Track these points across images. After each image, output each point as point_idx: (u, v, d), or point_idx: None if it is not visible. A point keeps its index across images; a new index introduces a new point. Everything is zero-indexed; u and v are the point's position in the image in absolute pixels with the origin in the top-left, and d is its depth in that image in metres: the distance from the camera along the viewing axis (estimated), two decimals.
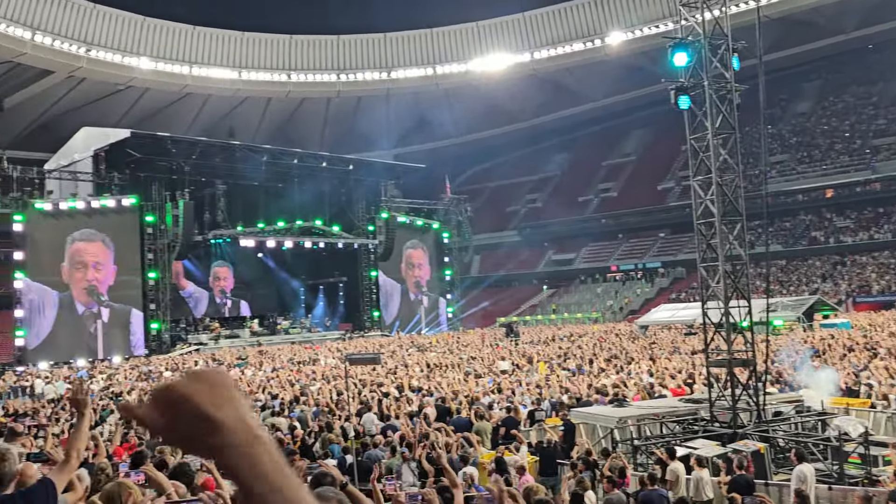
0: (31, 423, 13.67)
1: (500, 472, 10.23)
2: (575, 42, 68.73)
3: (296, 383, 22.16)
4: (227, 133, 70.44)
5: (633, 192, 72.63)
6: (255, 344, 45.37)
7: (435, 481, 9.06)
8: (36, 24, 57.39)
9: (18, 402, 23.45)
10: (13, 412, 19.48)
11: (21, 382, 29.50)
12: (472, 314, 65.13)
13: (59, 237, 41.05)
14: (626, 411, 13.60)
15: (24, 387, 28.15)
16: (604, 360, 23.90)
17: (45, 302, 40.52)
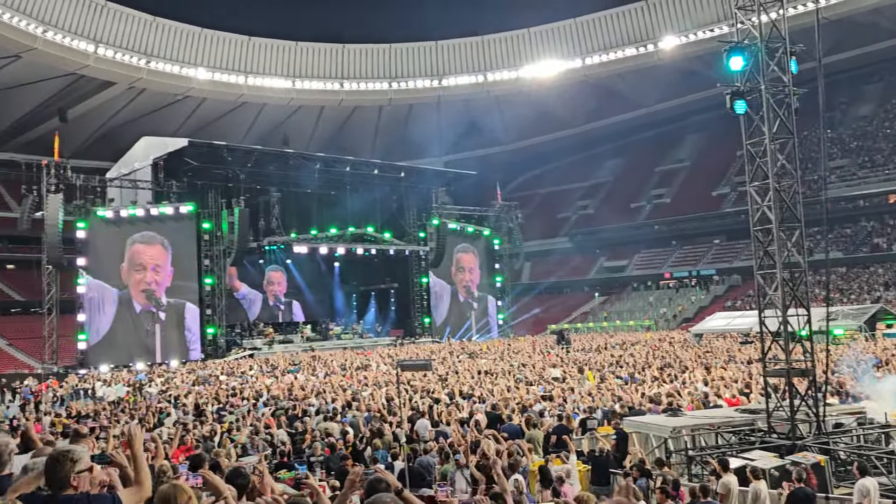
0: (92, 424, 14.03)
1: (543, 482, 10.17)
2: (627, 47, 68.09)
3: (348, 388, 22.35)
4: (281, 141, 71.48)
5: (687, 197, 71.53)
6: (307, 349, 45.91)
7: (487, 489, 9.05)
8: (99, 37, 59.15)
9: (80, 404, 24.14)
10: (76, 414, 20.06)
11: (83, 385, 30.33)
12: (523, 321, 64.87)
13: (120, 243, 42.17)
14: (680, 421, 13.38)
15: (86, 389, 28.94)
16: (657, 368, 23.57)
17: (104, 298, 41.58)
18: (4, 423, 18.75)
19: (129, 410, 19.85)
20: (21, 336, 52.96)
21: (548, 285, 71.60)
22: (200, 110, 69.74)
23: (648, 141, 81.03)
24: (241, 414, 17.37)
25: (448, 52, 73.72)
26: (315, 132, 77.21)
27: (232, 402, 20.27)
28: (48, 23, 55.85)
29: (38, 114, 64.35)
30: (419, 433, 14.25)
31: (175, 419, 17.00)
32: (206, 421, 16.28)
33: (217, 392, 23.32)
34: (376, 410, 16.73)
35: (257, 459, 9.18)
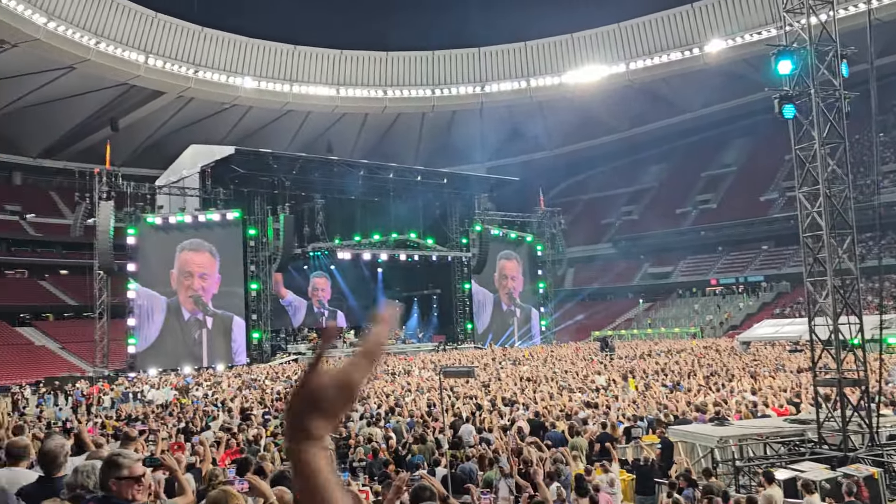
0: (141, 427, 14.31)
1: (579, 490, 10.08)
2: (672, 51, 67.33)
3: (391, 394, 22.44)
4: (325, 148, 72.28)
5: (734, 203, 70.40)
6: (350, 355, 46.10)
7: (530, 497, 9.01)
8: (149, 47, 60.50)
9: (130, 407, 24.65)
10: (126, 416, 20.48)
11: (132, 388, 30.95)
12: (566, 327, 64.45)
13: (169, 249, 43.01)
14: (727, 430, 13.16)
15: (135, 392, 29.53)
16: (703, 376, 23.22)
17: (153, 307, 42.46)
18: (57, 424, 19.22)
19: (177, 414, 20.19)
20: (73, 339, 54.29)
21: (591, 291, 71.06)
22: (247, 118, 70.82)
23: (694, 146, 79.99)
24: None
25: (491, 59, 73.77)
26: (359, 139, 77.83)
27: (277, 406, 20.49)
28: (101, 34, 57.29)
29: (90, 123, 66.01)
30: (463, 439, 14.24)
31: (221, 423, 17.23)
32: (252, 425, 16.48)
33: (262, 396, 23.61)
34: (419, 416, 16.77)
35: None
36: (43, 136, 66.87)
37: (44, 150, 68.53)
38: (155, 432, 12.22)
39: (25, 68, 56.63)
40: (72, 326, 56.82)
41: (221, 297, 44.48)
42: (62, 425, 16.59)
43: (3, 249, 62.21)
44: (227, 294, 44.62)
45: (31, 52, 54.34)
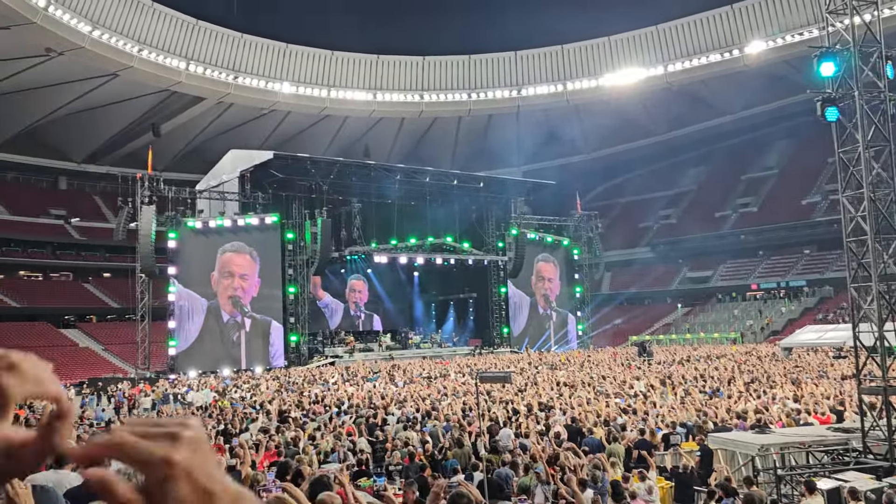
0: None
1: (616, 497, 10.00)
2: (712, 53, 66.46)
3: (427, 398, 22.47)
4: (362, 153, 72.70)
5: (775, 206, 69.32)
6: (387, 358, 46.41)
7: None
8: (190, 54, 61.46)
9: (170, 409, 25.01)
10: (167, 416, 20.76)
11: (173, 390, 31.40)
12: (603, 332, 64.03)
13: (208, 253, 43.66)
14: (768, 438, 12.94)
15: (176, 394, 29.95)
16: (743, 382, 22.88)
17: (193, 308, 43.13)
18: (100, 425, 19.58)
19: (216, 416, 20.44)
20: (116, 341, 55.33)
21: (629, 296, 70.50)
22: (285, 123, 71.56)
23: (734, 148, 78.96)
24: (324, 421, 17.68)
25: (527, 62, 73.59)
26: (395, 143, 78.19)
27: (314, 409, 20.64)
28: (143, 42, 58.35)
29: (133, 129, 67.27)
30: (502, 443, 14.22)
31: (260, 425, 17.40)
32: (290, 427, 16.62)
33: (300, 399, 23.80)
34: (455, 420, 16.77)
35: (339, 467, 9.32)
36: (87, 142, 68.32)
37: (88, 156, 70.00)
38: None
39: (71, 76, 57.92)
40: (114, 328, 57.94)
41: (260, 301, 45.02)
42: (105, 426, 16.87)
43: (48, 253, 63.62)
44: (265, 297, 45.15)
45: (77, 60, 55.55)
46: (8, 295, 57.19)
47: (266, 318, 45.19)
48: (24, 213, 63.72)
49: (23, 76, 56.19)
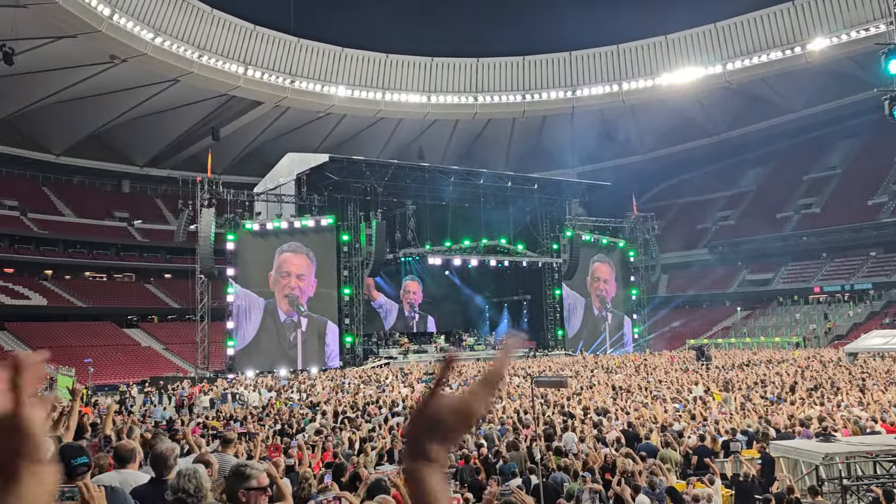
0: (240, 430, 14.77)
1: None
2: (772, 50, 64.84)
3: None
4: (416, 155, 73.07)
5: (839, 207, 67.38)
6: (441, 359, 46.42)
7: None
8: (248, 59, 62.57)
9: (229, 408, 25.48)
10: (226, 416, 21.18)
11: (231, 389, 31.98)
12: (660, 335, 63.11)
13: (266, 254, 44.43)
14: (833, 447, 12.56)
15: (234, 393, 30.49)
16: (806, 389, 22.29)
17: (251, 309, 43.92)
18: (162, 423, 20.04)
19: (274, 416, 20.74)
20: (176, 341, 56.64)
21: (686, 299, 69.36)
22: (341, 126, 72.31)
23: (796, 148, 77.01)
24: (379, 422, 17.80)
25: (582, 63, 72.94)
26: (449, 145, 78.36)
27: (369, 410, 20.80)
28: (203, 48, 59.61)
29: (193, 133, 68.80)
30: (566, 446, 14.12)
31: (316, 426, 17.60)
32: (345, 428, 16.77)
33: (355, 399, 24.01)
34: (510, 423, 16.71)
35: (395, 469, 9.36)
36: (149, 146, 70.11)
37: (150, 160, 71.82)
38: (254, 435, 12.59)
39: (134, 82, 59.51)
40: (175, 328, 59.30)
41: (316, 300, 45.57)
42: (166, 425, 17.28)
43: (112, 254, 65.48)
44: (321, 297, 45.69)
45: (139, 67, 57.05)
46: (74, 295, 59.02)
47: (322, 318, 45.75)
48: (89, 216, 65.71)
49: (88, 83, 57.95)
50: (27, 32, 49.01)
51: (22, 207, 61.55)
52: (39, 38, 51.21)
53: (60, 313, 57.04)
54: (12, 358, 1.02)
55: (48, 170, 67.80)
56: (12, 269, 58.79)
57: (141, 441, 7.12)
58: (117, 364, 50.99)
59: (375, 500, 4.80)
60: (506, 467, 12.56)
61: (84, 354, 46.42)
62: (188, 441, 7.88)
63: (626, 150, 79.42)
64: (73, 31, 51.08)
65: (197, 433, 14.66)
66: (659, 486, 10.80)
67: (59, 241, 62.15)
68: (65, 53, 53.49)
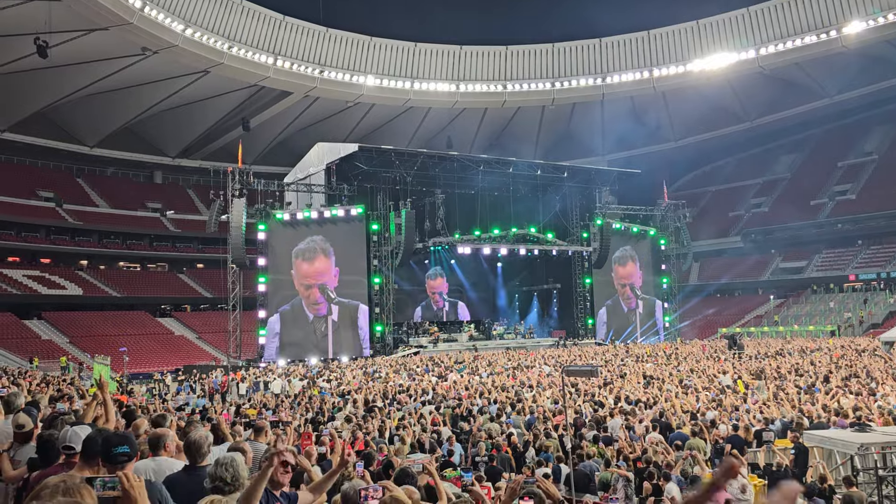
0: (272, 418, 14.90)
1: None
2: (807, 35, 63.60)
3: (511, 389, 22.45)
4: (445, 144, 72.97)
5: (876, 193, 66.20)
6: (471, 348, 46.57)
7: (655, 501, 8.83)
8: (277, 50, 62.83)
9: (260, 396, 25.76)
10: (259, 403, 21.41)
11: (263, 378, 32.31)
12: (692, 324, 62.61)
13: (296, 244, 44.73)
14: (868, 437, 12.39)
15: (266, 382, 30.81)
16: (841, 378, 22.00)
17: (282, 298, 44.29)
18: (197, 411, 20.32)
19: (305, 404, 20.93)
20: (209, 330, 57.38)
21: (718, 287, 68.66)
22: (370, 116, 72.44)
23: (830, 134, 75.76)
24: (409, 411, 17.90)
25: (612, 49, 72.22)
26: (478, 133, 78.16)
27: (399, 398, 20.90)
28: (233, 39, 59.96)
29: (224, 124, 69.35)
30: (613, 433, 14.12)
31: (346, 414, 17.72)
32: (376, 417, 16.88)
33: (385, 388, 24.14)
34: (540, 413, 16.71)
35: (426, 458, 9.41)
36: (181, 137, 70.85)
37: (182, 151, 72.58)
38: (287, 424, 12.71)
39: (165, 73, 60.10)
40: (207, 317, 60.06)
41: (344, 288, 45.75)
42: (201, 413, 17.52)
43: (146, 244, 66.40)
44: (351, 284, 45.84)
45: (170, 59, 57.57)
46: (108, 285, 60.00)
47: (353, 301, 45.90)
48: (123, 207, 66.68)
49: (120, 75, 58.61)
50: (60, 26, 49.65)
51: (57, 199, 62.64)
52: (72, 31, 51.85)
53: (95, 303, 58.05)
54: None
55: (82, 161, 68.85)
56: (49, 259, 59.92)
57: (175, 429, 7.23)
58: (151, 353, 51.79)
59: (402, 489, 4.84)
60: (545, 456, 12.58)
61: (119, 343, 47.23)
62: (222, 429, 7.99)
63: (657, 137, 78.59)
64: (105, 23, 51.66)
65: (228, 419, 14.85)
66: (691, 476, 10.76)
67: (94, 231, 63.18)
68: (97, 46, 54.14)
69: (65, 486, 2.88)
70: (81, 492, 2.86)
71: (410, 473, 5.99)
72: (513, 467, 12.27)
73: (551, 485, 5.12)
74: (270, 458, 4.23)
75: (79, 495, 2.80)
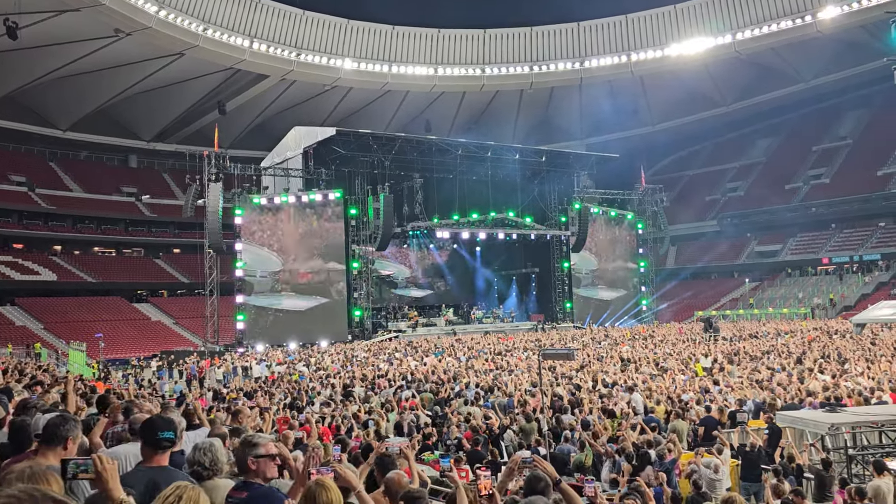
0: (250, 404, 14.89)
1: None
2: (783, 19, 63.88)
3: (489, 373, 22.56)
4: (423, 128, 72.71)
5: (849, 177, 66.95)
6: (450, 333, 46.69)
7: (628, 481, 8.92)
8: (254, 32, 62.14)
9: (239, 381, 25.69)
10: (237, 389, 21.37)
11: (241, 363, 32.22)
12: (669, 307, 63.16)
13: (274, 228, 44.52)
14: (839, 417, 12.59)
15: (245, 367, 30.74)
16: (813, 360, 22.33)
17: (260, 282, 44.17)
18: (173, 396, 20.24)
19: (284, 389, 20.91)
20: (186, 315, 57.01)
21: (694, 270, 69.22)
22: (347, 99, 71.96)
23: (806, 118, 76.38)
24: (388, 396, 17.94)
25: (590, 33, 72.16)
26: (457, 117, 77.96)
27: (378, 383, 20.94)
28: (208, 21, 59.20)
29: (199, 107, 68.61)
30: (636, 407, 14.26)
31: (324, 399, 17.74)
32: (354, 402, 16.91)
33: (364, 373, 24.16)
34: (518, 396, 16.82)
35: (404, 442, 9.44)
36: (156, 121, 70.03)
37: (157, 134, 71.76)
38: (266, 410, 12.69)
39: (139, 56, 59.25)
40: (184, 303, 59.67)
41: (322, 275, 45.66)
42: (178, 399, 17.45)
43: (121, 229, 65.74)
44: (328, 272, 45.78)
45: (144, 41, 56.75)
46: (83, 270, 59.36)
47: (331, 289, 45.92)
48: (97, 191, 65.86)
49: (93, 57, 57.71)
50: (31, 6, 48.77)
51: (30, 183, 61.71)
52: (43, 12, 50.96)
53: (70, 288, 57.44)
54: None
55: (55, 145, 67.86)
56: (21, 244, 59.13)
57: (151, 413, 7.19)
58: (127, 338, 51.39)
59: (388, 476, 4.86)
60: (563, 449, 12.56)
61: (94, 329, 46.80)
62: (199, 415, 7.96)
63: (634, 121, 78.82)
64: (76, 4, 50.79)
65: (204, 405, 14.81)
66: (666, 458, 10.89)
67: (68, 216, 62.40)
68: (69, 27, 53.25)
69: (30, 472, 2.87)
70: (47, 478, 2.84)
71: (391, 459, 5.93)
72: (489, 450, 12.34)
73: (548, 464, 5.15)
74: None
75: (44, 481, 2.78)
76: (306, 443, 8.62)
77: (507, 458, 11.55)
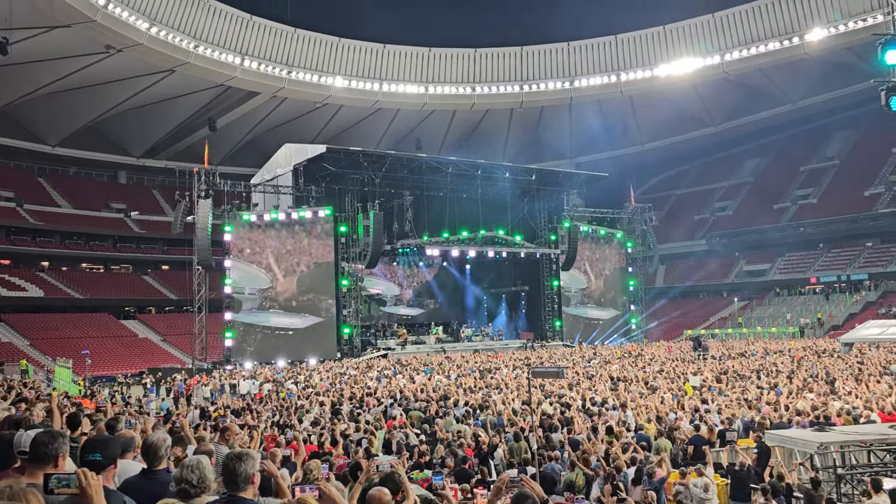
0: (238, 422, 14.77)
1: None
2: (770, 41, 64.56)
3: (478, 391, 22.47)
4: (414, 146, 72.88)
5: (837, 198, 67.45)
6: (439, 350, 46.56)
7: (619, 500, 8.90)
8: (245, 49, 62.26)
9: (226, 399, 25.51)
10: (224, 407, 21.20)
11: (230, 381, 32.01)
12: (658, 326, 63.23)
13: (263, 246, 44.41)
14: (828, 436, 12.60)
15: (233, 384, 30.53)
16: (802, 378, 22.36)
17: (249, 300, 43.97)
18: (160, 414, 20.07)
19: (272, 407, 20.76)
20: (174, 332, 56.65)
21: (683, 289, 69.42)
22: (338, 117, 72.10)
23: (793, 139, 77.00)
24: (377, 414, 17.83)
25: (580, 53, 72.71)
26: (447, 136, 78.19)
27: (367, 401, 20.82)
28: (199, 38, 59.30)
29: (189, 124, 68.55)
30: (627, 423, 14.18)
31: (313, 417, 17.61)
32: (343, 420, 16.80)
33: (353, 391, 24.03)
34: (508, 415, 16.75)
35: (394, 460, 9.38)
36: (146, 137, 69.88)
37: (147, 151, 71.58)
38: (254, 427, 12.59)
39: (129, 72, 59.21)
40: (173, 319, 59.29)
41: (312, 293, 45.53)
42: (165, 416, 17.30)
43: (110, 245, 65.40)
44: (318, 290, 45.65)
45: (135, 57, 56.75)
46: (71, 286, 58.97)
47: (319, 309, 45.75)
48: (86, 207, 65.58)
49: (83, 73, 57.64)
50: (22, 22, 48.72)
51: (18, 199, 61.40)
52: (34, 28, 50.90)
53: (57, 304, 57.03)
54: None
55: (44, 161, 67.59)
56: (9, 260, 58.73)
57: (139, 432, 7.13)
58: (115, 355, 51.00)
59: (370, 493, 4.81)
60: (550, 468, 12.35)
61: (81, 346, 46.34)
62: (186, 433, 7.89)
63: (624, 141, 79.29)
64: (67, 20, 50.80)
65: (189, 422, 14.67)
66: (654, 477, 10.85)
67: (56, 232, 62.05)
68: (60, 43, 53.21)
69: (10, 491, 2.82)
70: (28, 496, 2.80)
71: (394, 478, 5.78)
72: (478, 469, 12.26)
73: (535, 484, 5.11)
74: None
75: (24, 500, 2.74)
76: (294, 461, 8.55)
77: (497, 476, 11.48)
